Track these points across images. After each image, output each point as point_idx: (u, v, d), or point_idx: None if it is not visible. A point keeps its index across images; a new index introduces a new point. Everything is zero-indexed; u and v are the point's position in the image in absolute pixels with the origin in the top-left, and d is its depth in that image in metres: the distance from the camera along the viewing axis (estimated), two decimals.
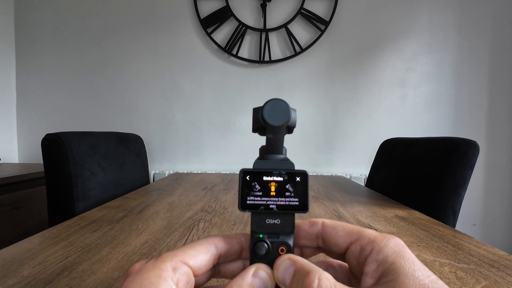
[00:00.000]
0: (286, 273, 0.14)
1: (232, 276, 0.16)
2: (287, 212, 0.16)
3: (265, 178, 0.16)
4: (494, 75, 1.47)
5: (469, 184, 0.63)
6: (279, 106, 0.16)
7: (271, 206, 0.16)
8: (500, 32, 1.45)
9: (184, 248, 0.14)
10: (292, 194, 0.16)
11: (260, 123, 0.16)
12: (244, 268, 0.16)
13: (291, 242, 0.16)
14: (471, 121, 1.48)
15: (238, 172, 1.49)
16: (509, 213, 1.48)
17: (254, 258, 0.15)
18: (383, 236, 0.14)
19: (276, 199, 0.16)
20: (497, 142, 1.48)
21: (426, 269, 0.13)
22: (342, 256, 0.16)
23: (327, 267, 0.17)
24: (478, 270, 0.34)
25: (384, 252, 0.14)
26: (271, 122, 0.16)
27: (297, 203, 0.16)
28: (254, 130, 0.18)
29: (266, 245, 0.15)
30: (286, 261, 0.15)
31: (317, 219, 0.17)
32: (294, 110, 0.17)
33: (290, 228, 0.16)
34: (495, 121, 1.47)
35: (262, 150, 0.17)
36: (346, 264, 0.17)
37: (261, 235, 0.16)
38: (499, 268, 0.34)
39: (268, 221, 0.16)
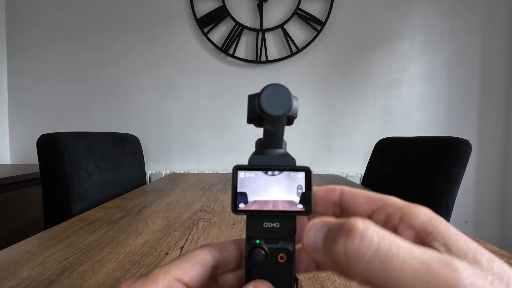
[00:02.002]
0: (318, 233, 0.12)
1: (231, 286, 0.15)
2: (288, 214, 0.14)
3: None
4: (485, 76, 1.50)
5: (461, 182, 0.65)
6: (279, 92, 0.14)
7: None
8: (490, 34, 1.49)
9: (178, 262, 0.13)
10: (298, 194, 0.14)
11: (256, 113, 0.14)
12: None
13: (292, 249, 0.14)
14: (463, 120, 1.51)
15: None
16: (500, 210, 1.52)
17: (250, 267, 0.14)
18: (412, 204, 0.12)
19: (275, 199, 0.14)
20: (488, 141, 1.51)
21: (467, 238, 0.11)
22: None
23: None
24: None
25: (420, 217, 0.11)
26: (270, 111, 0.14)
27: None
28: (249, 121, 0.16)
29: (263, 252, 0.14)
30: (318, 222, 0.12)
31: (335, 185, 0.15)
32: (296, 98, 0.14)
33: (290, 233, 0.14)
34: (486, 120, 1.51)
35: (259, 143, 0.15)
36: None
37: (257, 241, 0.14)
38: None
39: (265, 224, 0.14)
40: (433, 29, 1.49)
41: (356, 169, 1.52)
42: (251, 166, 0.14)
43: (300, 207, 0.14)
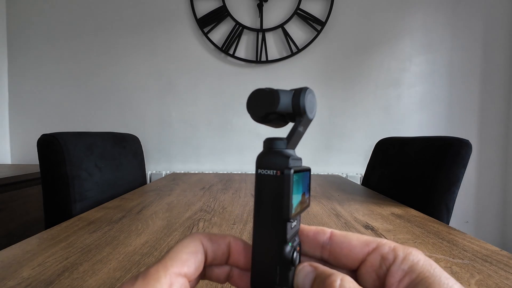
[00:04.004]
0: (307, 279, 0.13)
1: (218, 279, 0.15)
2: (303, 210, 0.15)
3: None
4: (485, 75, 1.50)
5: (461, 182, 0.65)
6: (314, 97, 0.14)
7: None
8: (491, 33, 1.49)
9: (173, 255, 0.12)
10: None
11: (288, 111, 0.14)
12: (229, 274, 0.15)
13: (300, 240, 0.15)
14: (463, 120, 1.51)
15: (236, 172, 1.49)
16: (500, 210, 1.52)
17: (288, 270, 0.14)
18: (403, 246, 0.13)
19: None
20: (489, 141, 1.51)
21: (455, 280, 0.12)
22: (351, 272, 0.14)
23: None
24: (472, 265, 0.35)
25: (410, 260, 0.12)
26: (310, 115, 0.14)
27: None
28: (265, 118, 0.14)
29: (297, 253, 0.14)
30: (306, 267, 0.14)
31: (325, 228, 0.15)
32: None
33: (298, 226, 0.15)
34: (486, 120, 1.51)
35: (276, 143, 0.14)
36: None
37: (290, 243, 0.14)
38: (492, 263, 0.35)
39: (292, 226, 0.14)
40: (433, 29, 1.49)
41: (356, 169, 1.52)
42: (301, 168, 0.14)
43: (308, 202, 0.15)
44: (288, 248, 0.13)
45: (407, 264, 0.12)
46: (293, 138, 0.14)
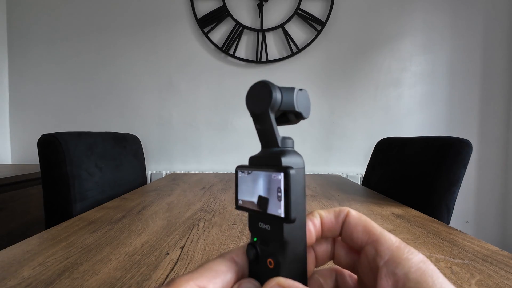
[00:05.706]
0: None
1: None
2: (274, 220, 0.13)
3: None
4: (486, 75, 1.50)
5: (462, 182, 0.65)
6: (259, 89, 0.14)
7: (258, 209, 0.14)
8: (491, 33, 1.49)
9: (201, 270, 0.12)
10: (279, 198, 0.13)
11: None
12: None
13: (281, 257, 0.13)
14: (464, 120, 1.51)
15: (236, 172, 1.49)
16: (500, 210, 1.52)
17: (248, 262, 0.14)
18: (407, 247, 0.12)
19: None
20: (489, 141, 1.51)
21: None
22: (357, 254, 0.15)
23: (337, 275, 0.16)
24: (473, 265, 0.35)
25: (406, 266, 0.11)
26: (250, 109, 0.14)
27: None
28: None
29: (254, 250, 0.14)
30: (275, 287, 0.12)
31: (343, 207, 0.15)
32: (288, 90, 0.14)
33: (278, 239, 0.13)
34: (487, 120, 1.51)
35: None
36: (355, 276, 0.15)
37: (255, 238, 0.14)
38: (492, 263, 0.35)
39: (260, 224, 0.14)
40: (433, 29, 1.49)
41: (357, 169, 1.52)
42: (250, 167, 0.14)
43: (280, 212, 0.12)
44: (250, 239, 0.14)
45: (403, 270, 0.11)
46: (259, 137, 0.15)
